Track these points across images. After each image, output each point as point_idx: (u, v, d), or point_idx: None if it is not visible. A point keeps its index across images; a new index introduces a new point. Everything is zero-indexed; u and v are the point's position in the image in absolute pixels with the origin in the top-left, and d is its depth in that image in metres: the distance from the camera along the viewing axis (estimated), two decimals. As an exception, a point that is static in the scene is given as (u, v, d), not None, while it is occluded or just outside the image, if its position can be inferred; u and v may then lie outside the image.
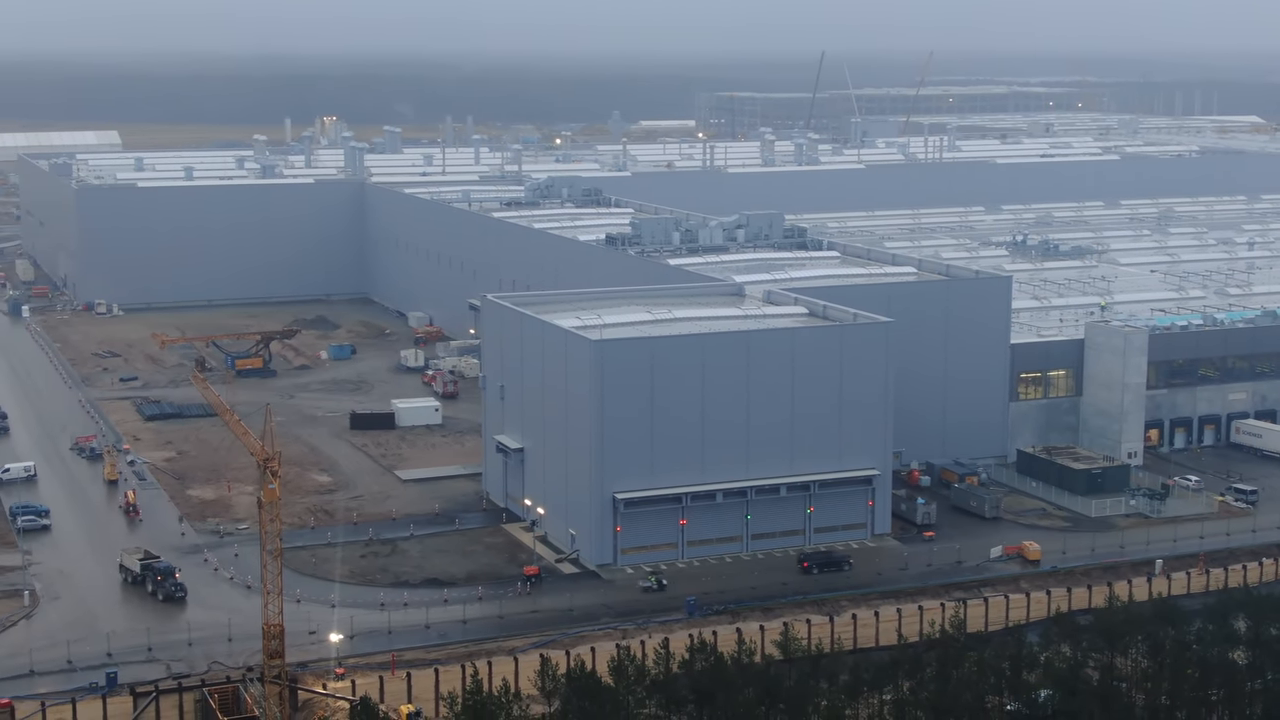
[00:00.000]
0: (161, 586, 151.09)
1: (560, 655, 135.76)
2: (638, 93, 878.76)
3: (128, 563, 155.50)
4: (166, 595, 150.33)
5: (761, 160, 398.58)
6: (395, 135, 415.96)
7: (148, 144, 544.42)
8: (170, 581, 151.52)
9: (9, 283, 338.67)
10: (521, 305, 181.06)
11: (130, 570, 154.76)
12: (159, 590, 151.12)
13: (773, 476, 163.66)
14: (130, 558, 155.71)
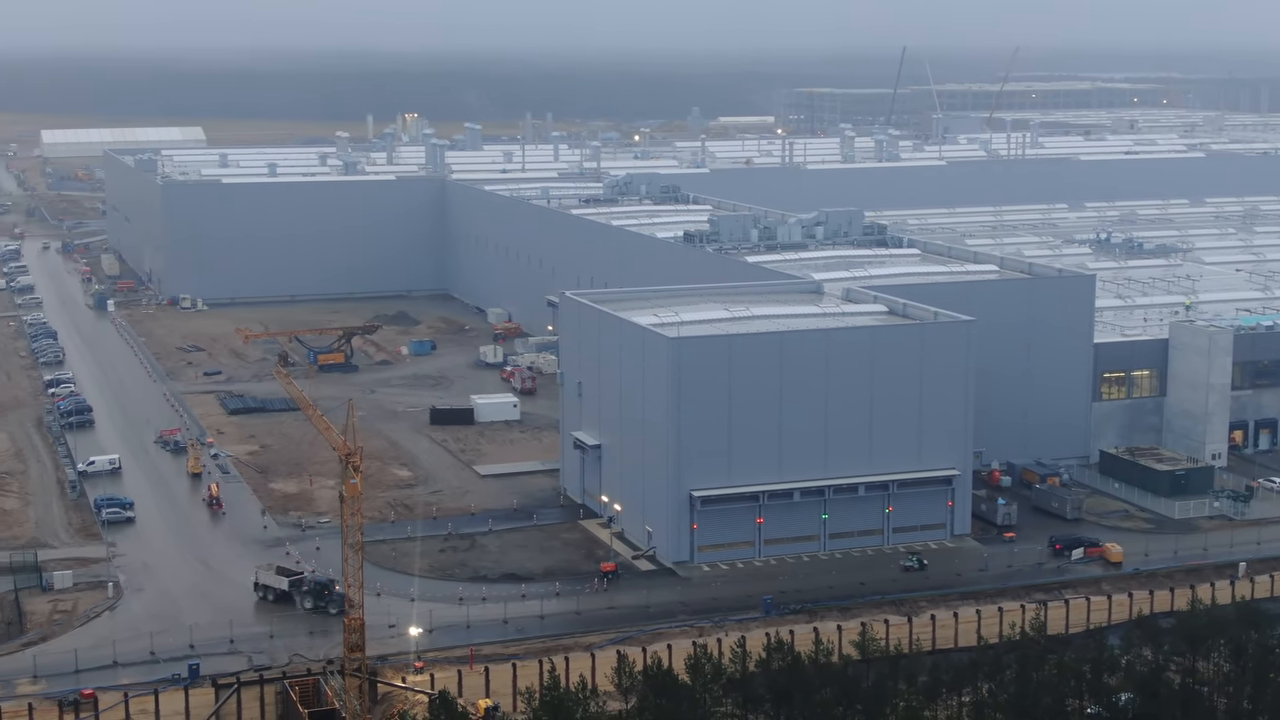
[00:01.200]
0: (332, 600, 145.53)
1: (637, 652, 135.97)
2: (717, 89, 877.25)
3: (268, 580, 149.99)
4: (338, 609, 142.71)
5: (841, 156, 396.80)
6: (475, 132, 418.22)
7: (232, 140, 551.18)
8: (332, 595, 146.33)
9: (95, 277, 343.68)
10: (599, 302, 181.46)
11: (272, 588, 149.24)
12: (325, 605, 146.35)
13: (851, 476, 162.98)
14: (269, 574, 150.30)
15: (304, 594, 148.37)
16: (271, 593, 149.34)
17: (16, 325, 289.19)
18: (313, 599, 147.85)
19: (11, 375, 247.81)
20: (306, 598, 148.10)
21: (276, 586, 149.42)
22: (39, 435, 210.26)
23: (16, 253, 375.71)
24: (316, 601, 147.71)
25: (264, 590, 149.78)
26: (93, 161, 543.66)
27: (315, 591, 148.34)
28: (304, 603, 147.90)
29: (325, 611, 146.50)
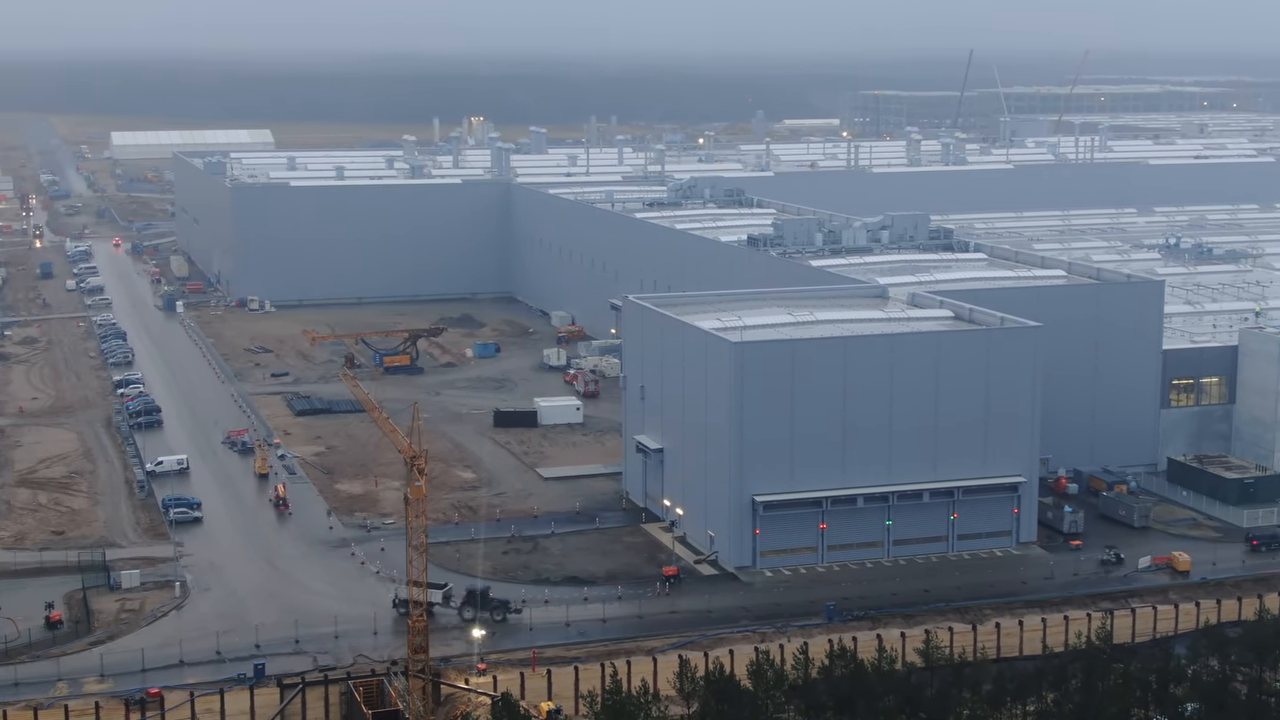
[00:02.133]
0: (495, 607, 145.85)
1: (699, 657, 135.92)
2: (782, 92, 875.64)
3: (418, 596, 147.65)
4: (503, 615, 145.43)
5: (907, 160, 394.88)
6: (541, 135, 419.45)
7: (300, 143, 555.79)
8: (500, 606, 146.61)
9: (164, 278, 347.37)
10: (662, 306, 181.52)
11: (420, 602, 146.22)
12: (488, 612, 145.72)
13: (916, 482, 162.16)
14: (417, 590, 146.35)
15: (463, 605, 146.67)
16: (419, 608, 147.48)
17: (86, 326, 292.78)
18: (473, 609, 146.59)
19: (81, 375, 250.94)
20: (466, 607, 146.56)
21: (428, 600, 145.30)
22: (108, 435, 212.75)
23: (87, 253, 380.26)
24: (478, 611, 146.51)
25: (405, 606, 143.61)
26: (162, 163, 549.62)
27: (472, 601, 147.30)
28: (464, 612, 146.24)
29: (492, 619, 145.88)
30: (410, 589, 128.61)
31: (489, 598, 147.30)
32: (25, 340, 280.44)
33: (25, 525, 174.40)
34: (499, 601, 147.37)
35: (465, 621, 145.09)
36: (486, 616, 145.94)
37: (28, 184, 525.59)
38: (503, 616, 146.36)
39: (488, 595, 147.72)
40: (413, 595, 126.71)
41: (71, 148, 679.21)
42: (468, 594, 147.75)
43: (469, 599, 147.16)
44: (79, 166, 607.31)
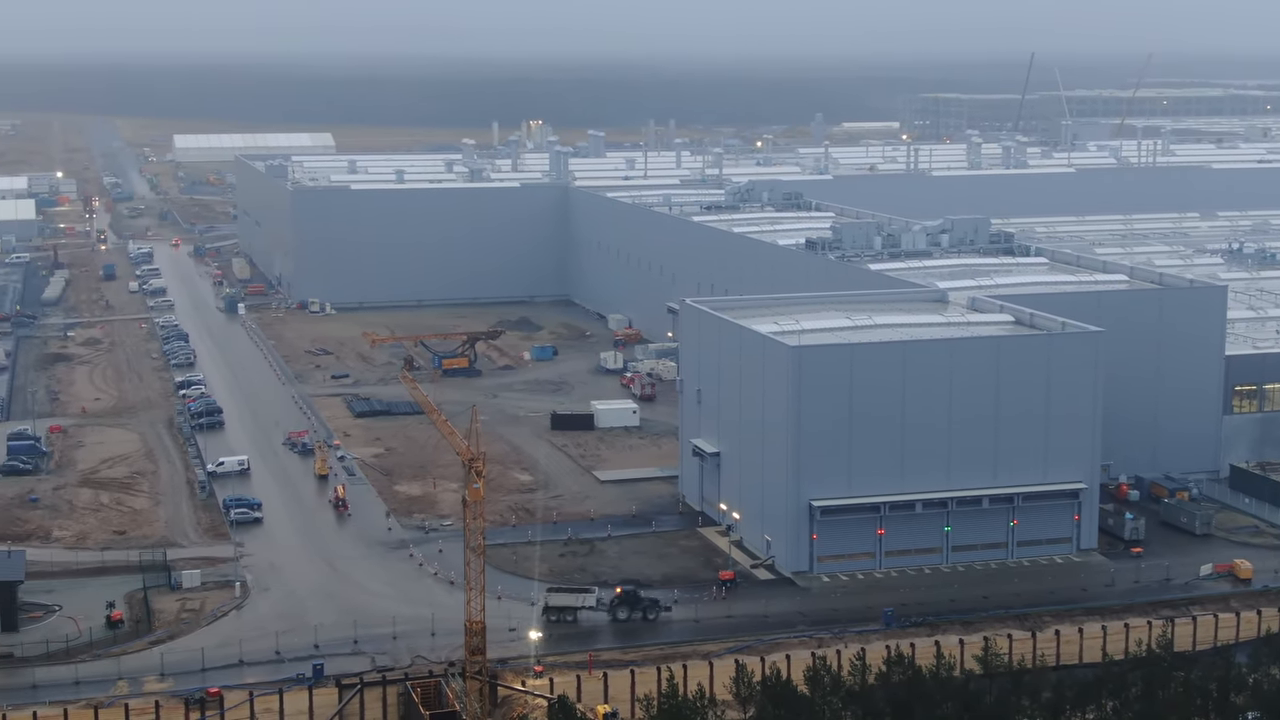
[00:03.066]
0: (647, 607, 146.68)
1: (755, 662, 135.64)
2: (841, 94, 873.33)
3: (564, 602, 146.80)
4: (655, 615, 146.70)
5: (967, 163, 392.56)
6: (599, 139, 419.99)
7: (360, 146, 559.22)
8: (651, 605, 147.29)
9: (226, 280, 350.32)
10: (719, 310, 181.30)
11: (571, 608, 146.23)
12: (641, 613, 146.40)
13: (975, 488, 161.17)
14: (562, 595, 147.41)
15: (615, 606, 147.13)
16: (570, 614, 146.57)
17: (149, 327, 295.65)
18: (627, 609, 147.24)
19: (143, 377, 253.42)
20: (619, 609, 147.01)
21: (579, 606, 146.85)
22: (170, 436, 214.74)
23: (149, 255, 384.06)
24: (631, 611, 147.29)
25: (558, 614, 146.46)
26: (224, 166, 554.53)
27: (627, 601, 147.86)
28: (617, 613, 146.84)
29: (644, 619, 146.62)
30: (465, 596, 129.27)
31: (640, 597, 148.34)
32: (88, 341, 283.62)
33: (87, 525, 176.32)
34: (650, 601, 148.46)
35: (618, 622, 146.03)
36: (639, 616, 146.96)
37: (91, 186, 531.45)
38: (655, 615, 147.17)
39: (638, 595, 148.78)
40: (469, 599, 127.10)
41: (134, 150, 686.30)
42: (622, 595, 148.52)
43: (622, 600, 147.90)
44: (142, 169, 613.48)
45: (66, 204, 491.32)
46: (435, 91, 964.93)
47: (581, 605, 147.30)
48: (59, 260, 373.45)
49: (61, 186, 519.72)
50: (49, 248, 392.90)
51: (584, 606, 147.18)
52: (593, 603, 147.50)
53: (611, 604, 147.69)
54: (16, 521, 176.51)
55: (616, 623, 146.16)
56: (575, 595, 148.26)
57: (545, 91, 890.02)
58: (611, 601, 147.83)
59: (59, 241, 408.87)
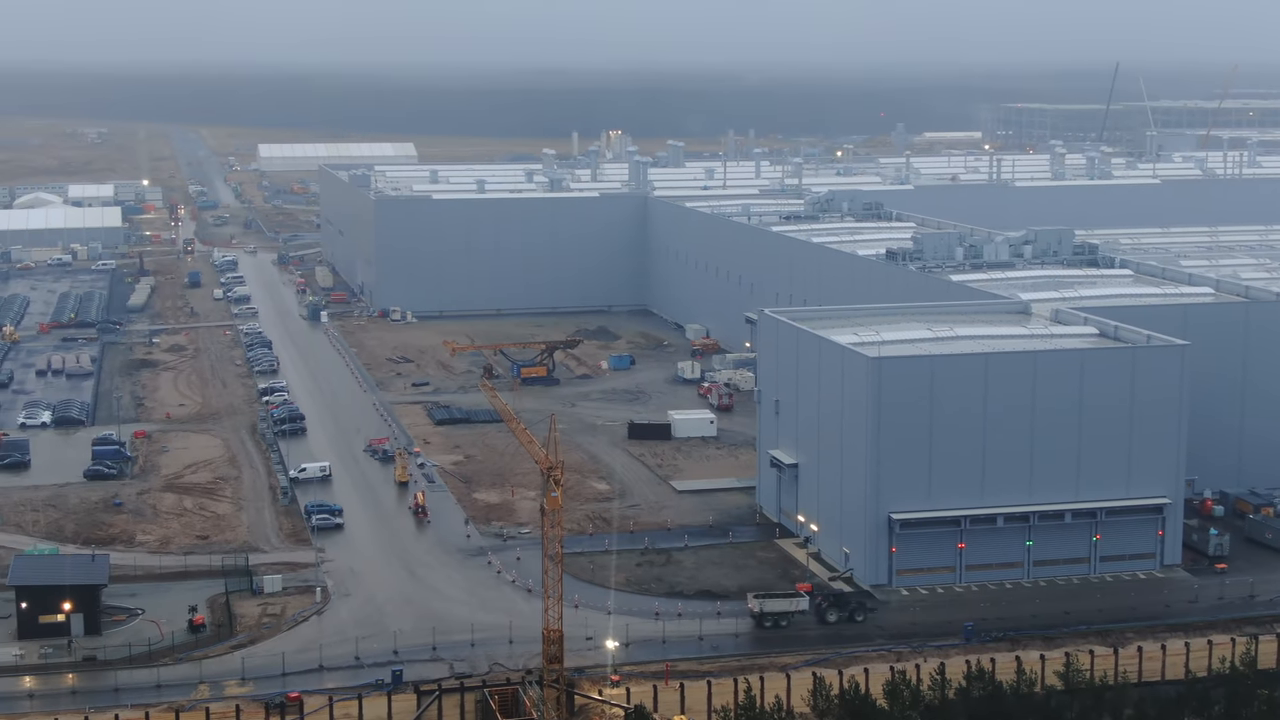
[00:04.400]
0: (858, 608, 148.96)
1: (833, 675, 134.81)
2: (923, 104, 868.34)
3: (777, 607, 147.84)
4: (864, 616, 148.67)
5: (1051, 173, 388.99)
6: (678, 149, 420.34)
7: (442, 156, 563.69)
8: (859, 606, 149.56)
9: (309, 289, 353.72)
10: (799, 320, 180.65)
11: (787, 613, 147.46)
12: (851, 615, 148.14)
13: (1057, 502, 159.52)
14: (774, 601, 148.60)
15: (826, 608, 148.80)
16: (784, 618, 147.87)
17: (233, 334, 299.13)
18: (836, 611, 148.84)
19: (227, 383, 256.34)
20: (829, 611, 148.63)
21: (792, 610, 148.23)
22: (253, 442, 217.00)
23: (233, 263, 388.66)
24: (840, 613, 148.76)
25: (772, 619, 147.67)
26: (308, 175, 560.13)
27: (838, 603, 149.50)
28: (827, 616, 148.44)
29: (852, 621, 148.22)
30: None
31: (848, 599, 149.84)
32: (173, 348, 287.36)
33: (171, 529, 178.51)
34: (858, 601, 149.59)
35: (828, 624, 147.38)
36: (846, 617, 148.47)
37: (177, 194, 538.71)
38: (863, 617, 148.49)
39: (846, 596, 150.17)
40: (547, 608, 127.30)
41: (219, 159, 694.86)
42: (831, 596, 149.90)
43: (833, 601, 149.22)
44: (227, 178, 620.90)
45: (152, 212, 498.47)
46: (516, 102, 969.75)
47: (795, 610, 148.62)
48: (145, 267, 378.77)
49: (147, 194, 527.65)
50: (135, 255, 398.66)
51: (796, 610, 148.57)
52: (805, 606, 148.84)
53: (820, 606, 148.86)
54: (101, 525, 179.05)
55: (825, 625, 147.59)
56: (788, 600, 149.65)
57: (625, 102, 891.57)
58: (820, 604, 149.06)
59: (145, 249, 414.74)
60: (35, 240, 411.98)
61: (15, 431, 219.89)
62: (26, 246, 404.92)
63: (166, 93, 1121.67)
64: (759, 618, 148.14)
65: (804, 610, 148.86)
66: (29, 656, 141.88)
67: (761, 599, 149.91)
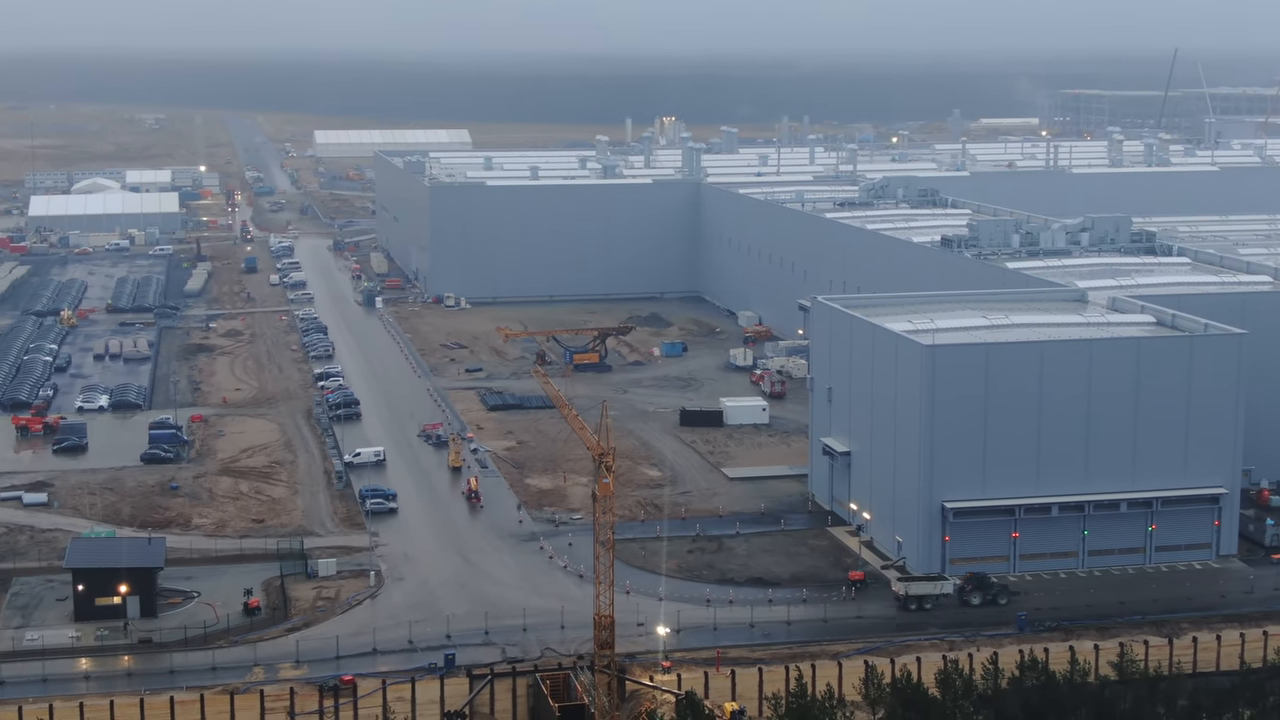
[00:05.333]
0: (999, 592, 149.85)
1: (885, 663, 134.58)
2: (979, 90, 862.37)
3: (922, 590, 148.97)
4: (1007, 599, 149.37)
5: (1108, 160, 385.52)
6: (732, 135, 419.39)
7: (496, 143, 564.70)
8: (1001, 590, 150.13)
9: (364, 274, 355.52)
10: (852, 307, 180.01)
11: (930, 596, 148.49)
12: (994, 599, 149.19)
13: (1112, 492, 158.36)
14: (919, 584, 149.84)
15: (969, 592, 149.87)
16: (929, 601, 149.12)
17: (289, 320, 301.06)
18: (980, 594, 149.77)
19: (283, 368, 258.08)
20: (973, 594, 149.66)
21: (936, 594, 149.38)
22: (308, 426, 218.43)
23: (289, 249, 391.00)
24: (984, 596, 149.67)
25: (916, 602, 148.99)
26: (363, 162, 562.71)
27: (981, 586, 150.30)
28: (970, 599, 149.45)
29: (994, 604, 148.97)
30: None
31: (990, 582, 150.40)
32: (230, 333, 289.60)
33: (226, 513, 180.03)
34: (1000, 586, 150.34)
35: (970, 607, 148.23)
36: (989, 600, 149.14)
37: (233, 180, 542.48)
38: (1005, 600, 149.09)
39: (988, 579, 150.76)
40: (599, 594, 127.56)
41: (276, 145, 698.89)
42: (973, 579, 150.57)
43: (977, 584, 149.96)
44: (283, 164, 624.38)
45: (209, 197, 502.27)
46: (570, 88, 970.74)
47: (939, 593, 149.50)
48: (202, 253, 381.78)
49: (204, 180, 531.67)
50: (192, 240, 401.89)
51: (941, 594, 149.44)
52: (949, 589, 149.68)
53: (962, 589, 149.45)
54: (157, 509, 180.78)
55: (967, 608, 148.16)
56: (932, 583, 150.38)
57: (679, 88, 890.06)
58: (962, 587, 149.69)
59: (202, 234, 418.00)
60: (93, 225, 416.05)
61: (73, 415, 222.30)
62: (85, 232, 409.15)
63: (224, 79, 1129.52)
64: (904, 600, 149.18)
65: (948, 593, 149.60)
66: (85, 638, 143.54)
67: (906, 582, 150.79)
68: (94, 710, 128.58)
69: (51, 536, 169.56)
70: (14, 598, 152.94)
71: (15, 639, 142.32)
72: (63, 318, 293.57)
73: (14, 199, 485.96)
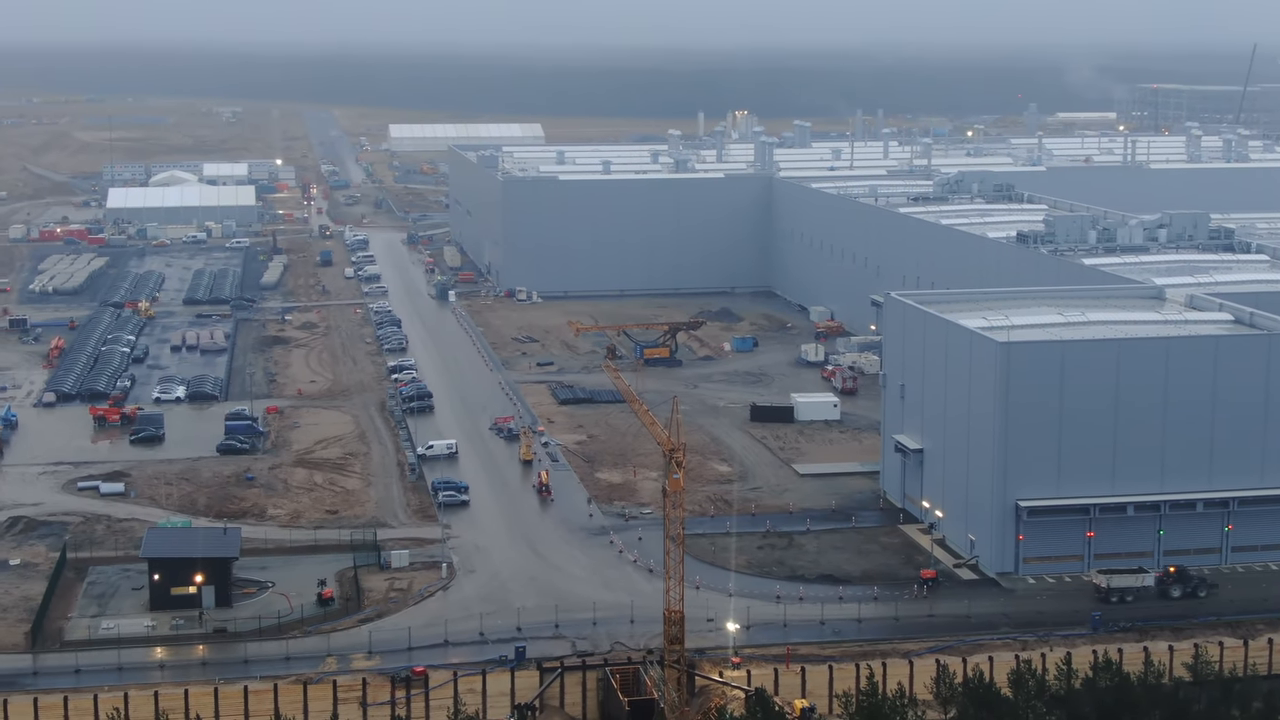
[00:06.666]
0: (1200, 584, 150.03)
1: (957, 662, 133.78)
2: (1056, 84, 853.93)
3: (1124, 583, 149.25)
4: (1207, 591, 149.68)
5: (1186, 156, 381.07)
6: (805, 129, 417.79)
7: (568, 137, 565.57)
8: (1200, 582, 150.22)
9: (438, 268, 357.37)
10: (925, 303, 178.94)
11: (1131, 588, 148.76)
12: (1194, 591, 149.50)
13: (1189, 491, 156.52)
14: (1121, 577, 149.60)
15: (1170, 584, 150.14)
16: (1130, 594, 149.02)
17: (363, 313, 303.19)
18: (1180, 587, 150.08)
19: (357, 361, 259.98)
20: (1174, 587, 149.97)
21: (1138, 586, 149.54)
22: (381, 419, 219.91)
23: (365, 242, 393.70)
24: (1184, 589, 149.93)
25: (1118, 595, 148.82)
26: (437, 156, 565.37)
27: (1181, 579, 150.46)
28: (1171, 592, 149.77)
29: (1194, 597, 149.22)
30: None
31: (1190, 575, 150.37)
32: (305, 325, 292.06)
33: (301, 504, 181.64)
34: (1199, 578, 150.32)
35: (1171, 600, 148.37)
36: (1190, 593, 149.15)
37: (309, 174, 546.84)
38: (1205, 593, 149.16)
39: (1189, 572, 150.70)
40: (669, 589, 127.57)
41: (351, 139, 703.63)
42: (1175, 573, 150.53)
43: (1177, 577, 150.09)
44: (358, 157, 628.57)
45: (285, 191, 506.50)
46: (643, 82, 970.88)
47: (1140, 585, 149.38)
48: (278, 246, 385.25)
49: (280, 173, 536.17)
50: (268, 233, 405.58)
51: (1142, 586, 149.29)
52: (1150, 582, 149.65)
53: (1162, 582, 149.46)
54: (233, 499, 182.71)
55: (1167, 600, 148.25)
56: (1134, 576, 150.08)
57: (752, 82, 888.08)
58: (1163, 579, 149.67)
59: (278, 227, 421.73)
60: (171, 218, 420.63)
61: (150, 406, 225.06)
62: (162, 224, 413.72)
63: (300, 73, 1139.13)
64: (1105, 592, 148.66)
65: (1148, 585, 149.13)
66: (160, 628, 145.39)
67: (1108, 574, 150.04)
68: (168, 699, 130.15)
69: (128, 526, 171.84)
70: (90, 587, 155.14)
71: (91, 628, 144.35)
72: (140, 309, 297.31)
73: (92, 191, 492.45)
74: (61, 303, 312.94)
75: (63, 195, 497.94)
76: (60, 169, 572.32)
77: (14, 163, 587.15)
